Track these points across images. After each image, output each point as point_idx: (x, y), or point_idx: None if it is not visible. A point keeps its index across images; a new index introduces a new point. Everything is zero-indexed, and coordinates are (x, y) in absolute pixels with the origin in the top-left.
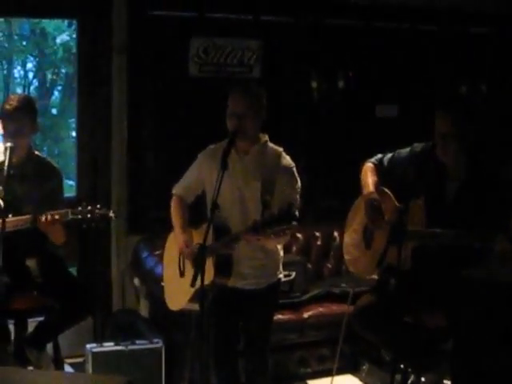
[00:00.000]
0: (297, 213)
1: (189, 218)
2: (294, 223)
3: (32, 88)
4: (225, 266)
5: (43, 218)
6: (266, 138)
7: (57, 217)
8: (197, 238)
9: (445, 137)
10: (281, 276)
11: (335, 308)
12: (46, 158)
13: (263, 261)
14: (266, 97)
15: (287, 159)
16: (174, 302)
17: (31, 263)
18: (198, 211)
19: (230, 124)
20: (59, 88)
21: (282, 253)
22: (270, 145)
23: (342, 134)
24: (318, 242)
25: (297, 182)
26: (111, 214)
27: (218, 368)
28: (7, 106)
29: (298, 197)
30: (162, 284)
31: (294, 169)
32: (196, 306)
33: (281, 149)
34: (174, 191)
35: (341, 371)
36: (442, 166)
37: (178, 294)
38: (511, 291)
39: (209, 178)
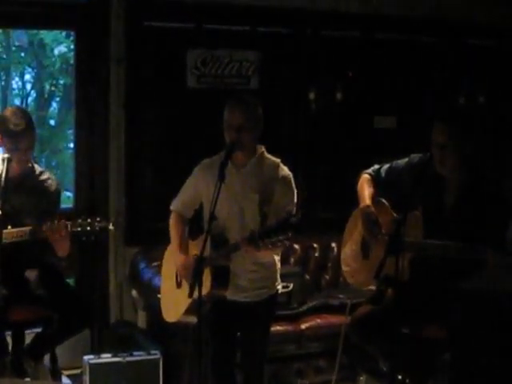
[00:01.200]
0: (295, 223)
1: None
2: (290, 234)
3: (30, 99)
4: (222, 278)
5: (53, 225)
6: (263, 149)
7: (62, 227)
8: (194, 248)
9: (442, 148)
10: (279, 288)
11: (333, 319)
12: (45, 170)
13: (261, 273)
14: (261, 108)
15: (285, 170)
16: (170, 314)
17: (29, 275)
18: (195, 222)
19: (228, 137)
20: (57, 99)
21: (279, 264)
22: (267, 156)
23: (340, 146)
24: (316, 254)
25: (294, 192)
26: (111, 227)
27: (216, 380)
28: (14, 127)
29: (294, 207)
30: (159, 296)
31: (292, 179)
32: (192, 318)
33: (278, 160)
34: (172, 207)
35: (338, 382)
36: (440, 177)
37: (175, 305)
38: (509, 302)
39: (206, 192)
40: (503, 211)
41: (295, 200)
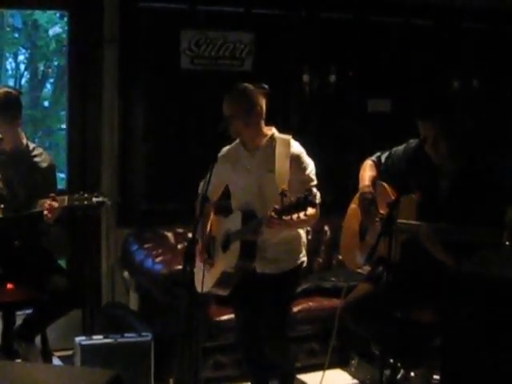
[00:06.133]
0: (317, 196)
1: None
2: (312, 210)
3: (24, 80)
4: (249, 251)
5: (45, 206)
6: (273, 130)
7: (56, 205)
8: (226, 224)
9: (426, 141)
10: (304, 259)
11: (325, 302)
12: (38, 146)
13: (287, 246)
14: (262, 93)
15: (295, 147)
16: (200, 285)
17: (20, 254)
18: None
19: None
20: (51, 80)
21: (304, 237)
22: (278, 135)
23: (333, 129)
24: (309, 237)
25: (308, 166)
26: (108, 201)
27: (244, 352)
28: None
29: (313, 178)
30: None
31: (304, 154)
32: (222, 291)
33: (289, 137)
34: (199, 191)
35: (330, 365)
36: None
37: (206, 277)
38: (501, 286)
39: (227, 178)
40: (499, 196)
41: (311, 173)
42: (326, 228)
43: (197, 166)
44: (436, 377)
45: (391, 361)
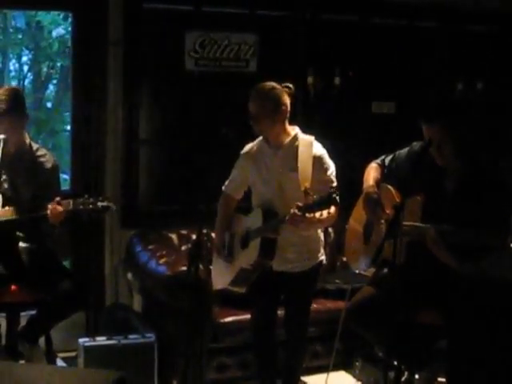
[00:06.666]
0: (337, 198)
1: (239, 205)
2: (333, 209)
3: (27, 81)
4: (269, 249)
5: (50, 209)
6: (296, 130)
7: (60, 209)
8: (246, 222)
9: (431, 145)
10: (323, 258)
11: (329, 304)
12: (42, 147)
13: (306, 246)
14: (287, 92)
15: (317, 148)
16: (218, 282)
17: (24, 255)
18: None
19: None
20: (54, 81)
21: (322, 237)
22: (301, 135)
23: (338, 131)
24: None
25: (330, 167)
26: (113, 206)
27: (257, 351)
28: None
29: (334, 180)
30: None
31: (326, 155)
32: (239, 288)
33: (311, 138)
34: (223, 188)
35: (334, 367)
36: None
37: (224, 274)
38: (506, 288)
39: (249, 174)
40: (503, 198)
41: (332, 175)
42: (330, 230)
43: (200, 168)
44: (441, 379)
45: (395, 363)
